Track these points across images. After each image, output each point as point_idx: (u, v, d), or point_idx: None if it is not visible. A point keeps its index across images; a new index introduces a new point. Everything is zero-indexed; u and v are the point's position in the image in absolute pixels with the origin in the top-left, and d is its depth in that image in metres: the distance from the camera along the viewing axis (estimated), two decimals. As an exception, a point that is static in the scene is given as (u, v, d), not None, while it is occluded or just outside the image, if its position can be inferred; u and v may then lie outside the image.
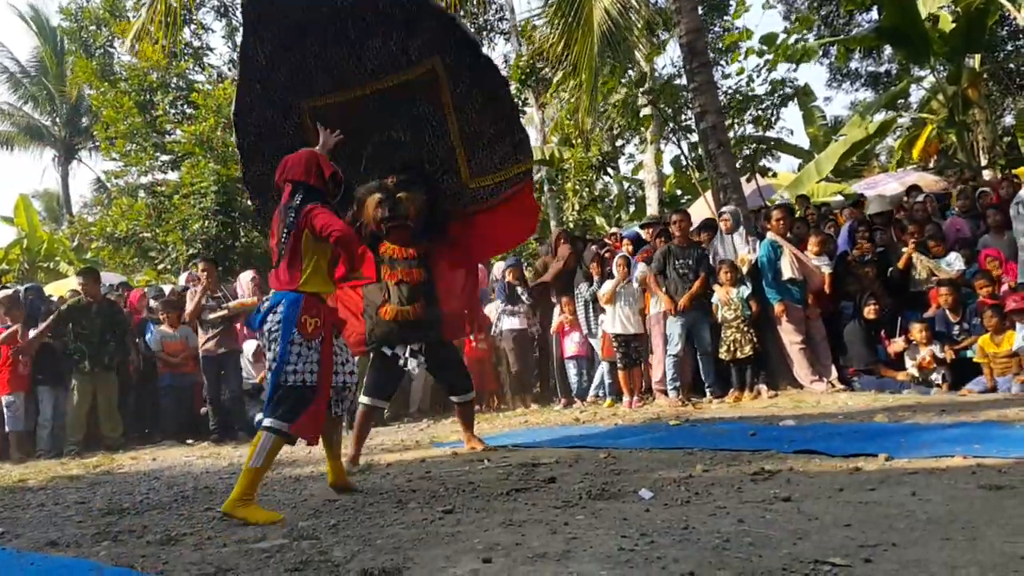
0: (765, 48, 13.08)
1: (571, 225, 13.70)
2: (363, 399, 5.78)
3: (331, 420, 4.55)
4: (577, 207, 13.86)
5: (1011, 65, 20.37)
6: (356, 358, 5.01)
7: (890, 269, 8.59)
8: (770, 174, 16.08)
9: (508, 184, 5.87)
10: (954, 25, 14.21)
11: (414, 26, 5.50)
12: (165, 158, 15.67)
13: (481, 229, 6.02)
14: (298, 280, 4.28)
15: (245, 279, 10.13)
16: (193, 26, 18.90)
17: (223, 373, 9.17)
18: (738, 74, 13.69)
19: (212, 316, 9.03)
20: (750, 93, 13.70)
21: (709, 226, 9.34)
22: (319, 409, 4.24)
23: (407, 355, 5.69)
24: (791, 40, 13.36)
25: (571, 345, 9.36)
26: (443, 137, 5.83)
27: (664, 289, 8.35)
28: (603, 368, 9.07)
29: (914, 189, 11.47)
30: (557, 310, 9.49)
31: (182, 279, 11.79)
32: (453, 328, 6.18)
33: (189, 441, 9.05)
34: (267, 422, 4.11)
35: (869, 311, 8.24)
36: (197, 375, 9.42)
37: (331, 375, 4.36)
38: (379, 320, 5.63)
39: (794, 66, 13.87)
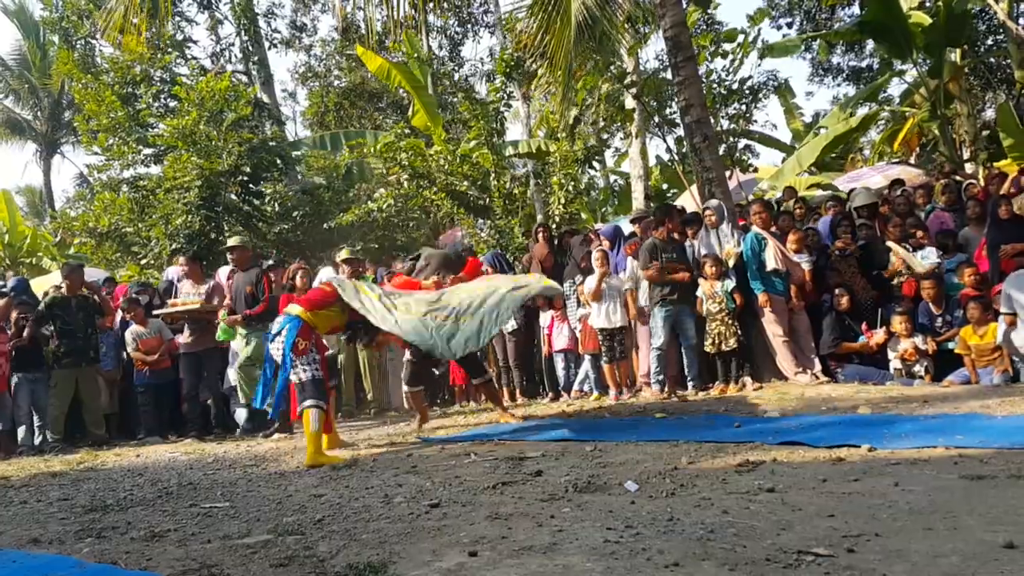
0: (728, 47, 13.14)
1: (557, 219, 13.65)
2: (407, 387, 7.65)
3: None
4: (563, 201, 13.81)
5: (992, 59, 20.51)
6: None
7: (878, 272, 8.64)
8: (751, 168, 16.12)
9: None
10: (933, 20, 14.29)
11: None
12: (148, 152, 15.52)
13: None
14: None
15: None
16: (176, 18, 18.78)
17: (203, 370, 9.14)
18: (707, 77, 13.75)
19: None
20: (725, 90, 13.75)
21: (694, 220, 9.34)
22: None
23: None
24: (751, 36, 13.42)
25: (560, 339, 9.36)
26: None
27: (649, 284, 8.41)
28: (586, 362, 9.08)
29: (897, 183, 11.46)
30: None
31: (168, 273, 11.68)
32: None
33: (172, 437, 9.01)
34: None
35: (841, 302, 8.28)
36: (173, 371, 9.36)
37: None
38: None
39: (759, 63, 13.97)
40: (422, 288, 7.01)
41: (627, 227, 10.51)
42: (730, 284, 8.22)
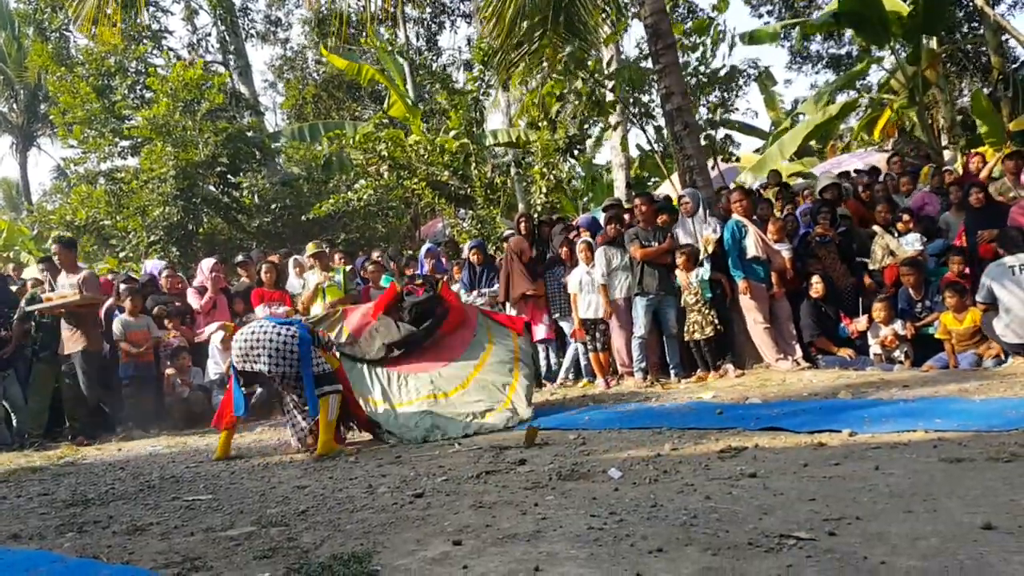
0: (697, 38, 13.11)
1: (539, 209, 13.64)
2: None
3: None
4: (544, 191, 13.79)
5: (969, 46, 20.62)
6: None
7: (860, 260, 8.68)
8: (733, 159, 16.14)
9: None
10: (911, 7, 14.34)
11: None
12: (124, 144, 15.39)
13: None
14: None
15: (206, 266, 9.98)
16: (151, 8, 18.61)
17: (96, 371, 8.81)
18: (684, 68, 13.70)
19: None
20: (706, 77, 13.72)
21: (667, 208, 9.32)
22: None
23: None
24: (718, 24, 13.38)
25: (540, 329, 9.36)
26: None
27: (627, 274, 8.46)
28: (576, 350, 9.10)
29: (874, 170, 11.44)
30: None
31: (147, 266, 11.57)
32: None
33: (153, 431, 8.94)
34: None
35: (816, 289, 8.32)
36: (156, 365, 9.27)
37: None
38: None
39: (729, 52, 13.92)
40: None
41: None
42: (704, 273, 8.23)
